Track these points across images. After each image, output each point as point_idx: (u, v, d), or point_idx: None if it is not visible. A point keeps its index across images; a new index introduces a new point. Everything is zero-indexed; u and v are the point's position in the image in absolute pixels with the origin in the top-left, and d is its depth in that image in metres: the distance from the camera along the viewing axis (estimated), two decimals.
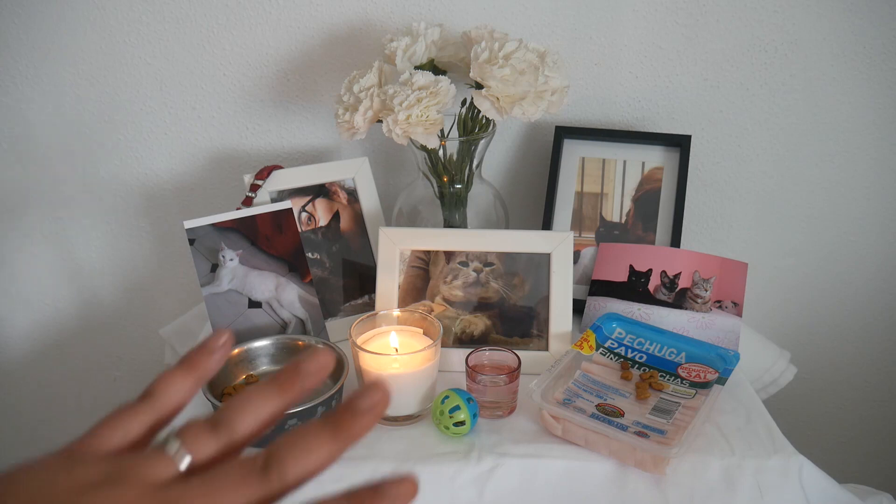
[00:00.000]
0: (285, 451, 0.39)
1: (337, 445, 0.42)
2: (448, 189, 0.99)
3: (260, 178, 0.96)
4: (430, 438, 0.79)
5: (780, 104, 1.11)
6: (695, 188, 1.15)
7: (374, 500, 0.40)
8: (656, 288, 0.97)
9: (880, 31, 1.06)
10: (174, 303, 1.24)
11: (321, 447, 0.40)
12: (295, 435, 0.39)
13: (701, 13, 1.05)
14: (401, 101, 0.86)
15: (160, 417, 0.42)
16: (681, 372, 0.86)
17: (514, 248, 0.92)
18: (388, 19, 1.06)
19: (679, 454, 0.72)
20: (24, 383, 1.29)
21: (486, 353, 0.86)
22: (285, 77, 1.10)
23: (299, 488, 0.40)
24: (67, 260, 1.21)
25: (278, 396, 0.40)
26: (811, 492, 0.76)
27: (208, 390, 0.79)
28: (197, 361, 0.46)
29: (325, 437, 0.40)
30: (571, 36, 1.07)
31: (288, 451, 0.40)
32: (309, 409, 0.76)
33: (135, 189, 1.17)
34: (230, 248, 0.90)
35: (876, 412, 1.32)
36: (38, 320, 1.25)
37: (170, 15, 1.05)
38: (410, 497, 0.40)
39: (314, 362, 0.41)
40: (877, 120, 1.11)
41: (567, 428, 0.77)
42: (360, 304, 1.00)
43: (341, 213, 1.00)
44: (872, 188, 1.16)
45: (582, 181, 1.08)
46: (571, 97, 1.09)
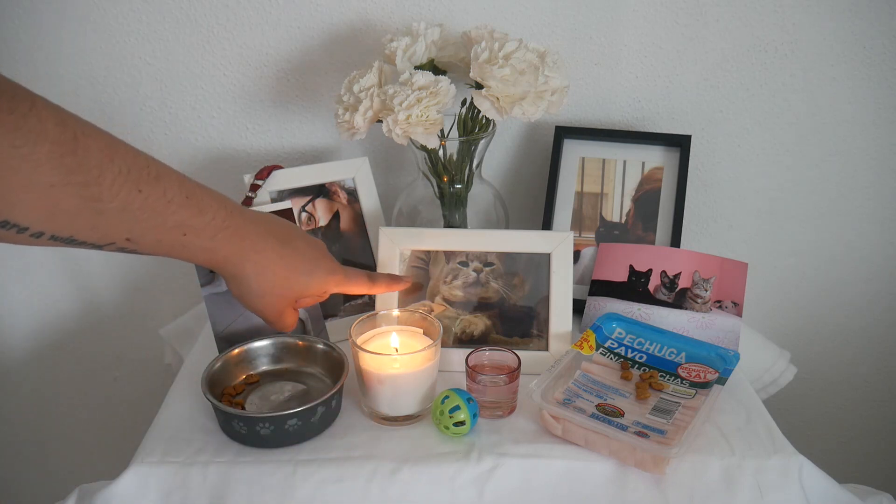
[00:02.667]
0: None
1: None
2: (448, 189, 0.99)
3: (260, 178, 0.96)
4: (430, 438, 0.79)
5: (780, 104, 1.11)
6: (695, 188, 1.15)
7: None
8: (656, 288, 0.97)
9: (880, 31, 1.06)
10: (174, 303, 1.24)
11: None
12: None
13: (701, 13, 1.05)
14: (401, 101, 0.86)
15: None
16: (681, 372, 0.86)
17: (514, 248, 0.92)
18: (388, 19, 1.06)
19: (679, 454, 0.72)
20: (24, 383, 1.29)
21: (486, 353, 0.86)
22: (285, 77, 1.10)
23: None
24: (67, 260, 1.21)
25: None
26: (811, 492, 0.76)
27: (208, 390, 0.79)
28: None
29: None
30: (571, 36, 1.07)
31: None
32: (309, 409, 0.76)
33: None
34: None
35: (876, 412, 1.32)
36: (38, 320, 1.25)
37: (170, 15, 1.06)
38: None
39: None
40: (877, 120, 1.11)
41: (567, 428, 0.77)
42: (360, 304, 1.00)
43: (341, 213, 1.00)
44: (873, 188, 1.16)
45: (582, 181, 1.08)
46: (571, 97, 1.09)
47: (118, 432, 1.33)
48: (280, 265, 0.71)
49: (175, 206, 0.60)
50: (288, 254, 0.72)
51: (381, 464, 0.75)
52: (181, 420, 0.82)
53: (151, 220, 0.59)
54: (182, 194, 0.61)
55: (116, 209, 0.56)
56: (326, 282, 0.76)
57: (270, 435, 0.76)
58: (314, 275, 0.75)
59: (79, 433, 1.33)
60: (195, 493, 0.74)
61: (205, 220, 0.63)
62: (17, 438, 1.33)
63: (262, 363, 0.88)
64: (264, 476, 0.75)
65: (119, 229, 0.57)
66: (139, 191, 0.57)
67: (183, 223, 0.61)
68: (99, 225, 0.56)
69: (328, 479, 0.75)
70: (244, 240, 0.67)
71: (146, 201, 0.57)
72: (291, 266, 0.72)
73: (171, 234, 0.61)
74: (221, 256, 0.67)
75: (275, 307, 0.74)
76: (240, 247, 0.67)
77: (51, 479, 1.36)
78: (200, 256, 0.65)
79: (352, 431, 0.80)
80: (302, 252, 0.74)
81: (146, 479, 0.75)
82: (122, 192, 0.55)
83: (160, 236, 0.60)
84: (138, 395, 1.30)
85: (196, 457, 0.76)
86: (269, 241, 0.70)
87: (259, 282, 0.70)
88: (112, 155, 0.54)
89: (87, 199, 0.53)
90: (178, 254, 0.63)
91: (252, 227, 0.68)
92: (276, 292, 0.72)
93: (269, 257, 0.70)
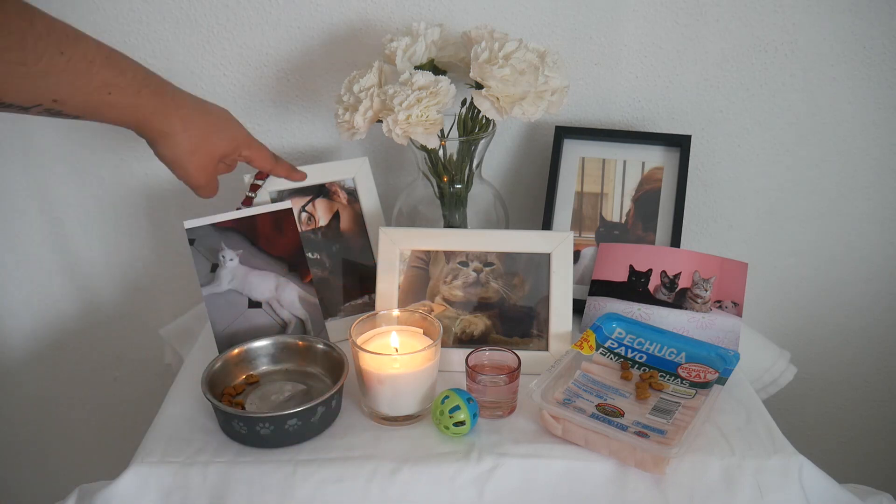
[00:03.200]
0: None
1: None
2: (448, 189, 0.99)
3: (260, 178, 0.96)
4: (430, 438, 0.79)
5: (780, 104, 1.11)
6: (695, 188, 1.15)
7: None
8: (656, 288, 0.97)
9: (880, 31, 1.06)
10: (174, 303, 1.24)
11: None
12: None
13: (701, 13, 1.05)
14: (401, 101, 0.86)
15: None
16: (681, 372, 0.86)
17: (514, 248, 0.92)
18: (388, 19, 1.06)
19: (679, 454, 0.72)
20: (24, 383, 1.29)
21: (486, 353, 0.86)
22: (285, 77, 1.10)
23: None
24: (67, 260, 1.21)
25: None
26: (811, 492, 0.76)
27: (208, 390, 0.79)
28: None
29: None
30: (571, 36, 1.07)
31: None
32: (309, 409, 0.76)
33: (135, 189, 1.17)
34: (230, 248, 0.90)
35: (876, 412, 1.32)
36: (38, 320, 1.25)
37: (170, 15, 1.06)
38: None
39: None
40: (877, 120, 1.11)
41: (567, 428, 0.77)
42: (360, 304, 1.00)
43: (341, 213, 1.00)
44: (873, 188, 1.16)
45: (582, 181, 1.08)
46: (571, 97, 1.09)
47: (118, 432, 1.33)
48: (201, 120, 0.75)
49: (97, 67, 0.63)
50: (204, 113, 0.76)
51: (381, 464, 0.75)
52: (181, 420, 0.82)
53: (76, 81, 0.62)
54: (102, 55, 0.64)
55: (41, 72, 0.59)
56: (238, 141, 0.81)
57: (270, 435, 0.76)
58: (230, 132, 0.80)
59: (79, 433, 1.34)
60: (195, 493, 0.74)
61: (126, 78, 0.66)
62: (17, 438, 1.33)
63: (262, 363, 0.88)
64: (264, 476, 0.75)
65: (45, 91, 0.60)
66: (61, 53, 0.60)
67: (107, 82, 0.64)
68: (25, 87, 0.59)
69: (328, 479, 0.75)
70: (166, 96, 0.71)
71: (69, 63, 0.61)
72: (211, 123, 0.77)
73: (97, 93, 0.64)
74: (148, 112, 0.70)
75: (205, 168, 0.77)
76: (163, 102, 0.71)
77: (51, 479, 1.36)
78: (127, 115, 0.68)
79: (352, 431, 0.80)
80: (215, 112, 0.79)
81: (146, 479, 0.75)
82: (45, 56, 0.58)
83: (86, 97, 0.64)
84: (138, 395, 1.30)
85: (196, 457, 0.76)
86: (186, 98, 0.74)
87: (188, 136, 0.74)
88: (31, 19, 0.58)
89: (11, 63, 0.56)
90: (104, 114, 0.67)
91: (169, 87, 0.72)
92: (203, 149, 0.76)
93: (192, 113, 0.74)
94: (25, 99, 0.60)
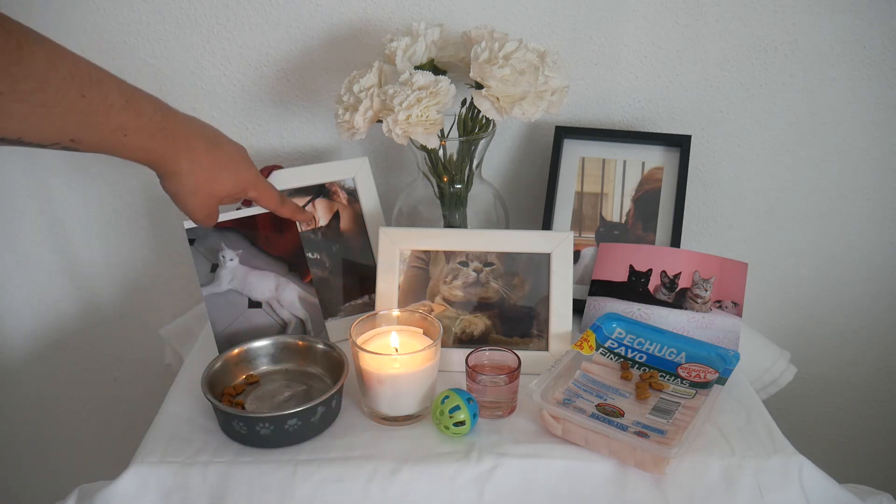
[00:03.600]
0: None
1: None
2: (448, 189, 0.99)
3: None
4: (430, 438, 0.79)
5: (780, 104, 1.11)
6: (695, 188, 1.15)
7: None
8: (656, 288, 0.97)
9: (880, 31, 1.06)
10: (174, 303, 1.24)
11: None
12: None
13: (701, 13, 1.05)
14: (401, 101, 0.86)
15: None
16: (681, 372, 0.86)
17: (514, 248, 0.92)
18: (388, 19, 1.06)
19: (679, 454, 0.72)
20: (24, 383, 1.29)
21: (486, 353, 0.86)
22: (285, 77, 1.10)
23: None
24: (67, 260, 1.21)
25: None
26: (811, 492, 0.76)
27: (208, 390, 0.79)
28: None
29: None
30: (571, 36, 1.07)
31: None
32: (309, 409, 0.76)
33: (135, 189, 1.17)
34: (230, 248, 0.90)
35: (876, 412, 1.32)
36: (38, 320, 1.25)
37: (170, 15, 1.06)
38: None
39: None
40: (877, 120, 1.11)
41: (567, 428, 0.77)
42: (360, 304, 1.00)
43: (341, 213, 1.00)
44: (873, 188, 1.16)
45: (582, 181, 1.08)
46: (571, 97, 1.09)
47: (118, 432, 1.33)
48: (209, 162, 0.77)
49: (115, 111, 0.65)
50: (216, 153, 0.78)
51: (381, 464, 0.75)
52: (181, 420, 0.82)
53: (94, 123, 0.63)
54: (122, 98, 0.66)
55: (61, 113, 0.60)
56: (246, 183, 0.82)
57: (270, 435, 0.76)
58: (238, 174, 0.81)
59: (79, 433, 1.33)
60: (195, 493, 0.74)
61: (142, 122, 0.68)
62: (17, 438, 1.33)
63: (262, 363, 0.88)
64: (264, 476, 0.75)
65: (64, 131, 0.62)
66: (82, 96, 0.61)
67: (123, 125, 0.66)
68: (44, 127, 0.60)
69: (328, 479, 0.75)
70: (178, 139, 0.73)
71: (89, 105, 0.62)
72: (219, 164, 0.78)
73: (113, 135, 0.66)
74: (159, 155, 0.72)
75: (204, 204, 0.79)
76: (174, 146, 0.73)
77: (51, 479, 1.36)
78: (139, 155, 0.71)
79: (352, 431, 0.80)
80: (227, 153, 0.80)
81: (146, 479, 0.75)
82: (66, 98, 0.60)
83: (102, 137, 0.65)
84: (138, 395, 1.30)
85: (196, 457, 0.76)
86: (199, 141, 0.76)
87: (193, 177, 0.76)
88: (56, 62, 0.59)
89: (34, 105, 0.58)
90: (118, 152, 0.69)
91: (185, 129, 0.75)
92: (205, 189, 0.78)
93: (200, 155, 0.76)
94: (44, 138, 0.61)
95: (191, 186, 0.77)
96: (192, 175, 0.76)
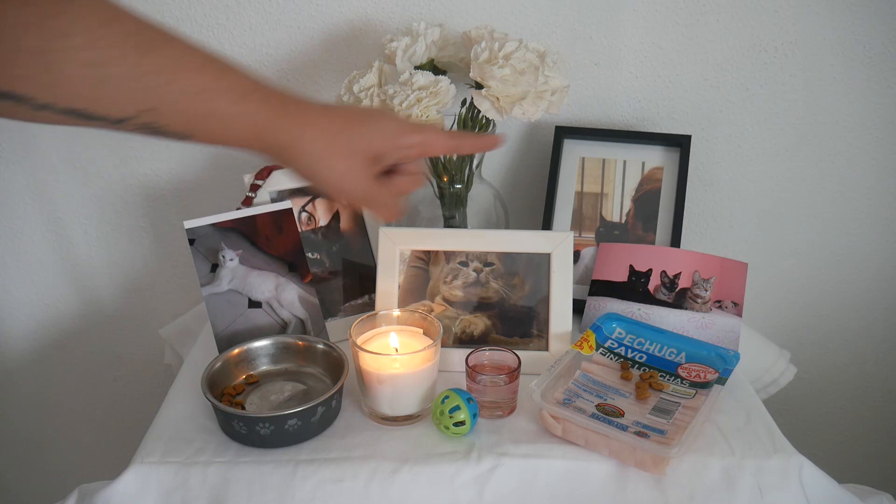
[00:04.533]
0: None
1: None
2: (448, 189, 0.99)
3: (260, 178, 0.96)
4: (430, 438, 0.79)
5: (781, 104, 1.11)
6: (695, 188, 1.15)
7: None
8: (656, 288, 0.97)
9: (880, 31, 1.06)
10: (174, 303, 1.24)
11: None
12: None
13: (701, 13, 1.05)
14: (401, 100, 0.86)
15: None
16: (681, 372, 0.86)
17: (514, 248, 0.92)
18: (388, 19, 1.06)
19: (679, 454, 0.72)
20: (24, 383, 1.29)
21: (486, 353, 0.86)
22: (285, 77, 1.09)
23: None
24: (67, 260, 1.21)
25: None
26: (811, 492, 0.76)
27: (208, 390, 0.79)
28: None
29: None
30: (571, 36, 1.07)
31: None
32: (309, 409, 0.76)
33: (135, 189, 1.17)
34: (230, 248, 0.90)
35: (876, 412, 1.32)
36: (38, 320, 1.25)
37: (170, 15, 1.06)
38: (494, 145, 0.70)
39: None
40: (877, 120, 1.11)
41: (567, 428, 0.77)
42: (360, 304, 1.00)
43: (341, 213, 1.00)
44: (873, 188, 1.16)
45: (582, 181, 1.08)
46: (571, 97, 1.09)
47: (118, 432, 1.33)
48: (329, 120, 0.62)
49: (191, 72, 0.54)
50: (332, 111, 0.64)
51: (381, 464, 0.75)
52: (181, 420, 0.82)
53: (168, 87, 0.53)
54: (198, 58, 0.55)
55: (122, 76, 0.51)
56: (394, 130, 0.65)
57: (270, 435, 0.76)
58: (373, 121, 0.65)
59: (79, 433, 1.34)
60: (195, 493, 0.74)
61: (224, 84, 0.56)
62: (17, 438, 1.33)
63: (262, 363, 0.88)
64: (264, 476, 0.75)
65: (134, 99, 0.53)
66: (145, 54, 0.52)
67: (204, 88, 0.55)
68: (106, 94, 0.51)
69: (328, 479, 0.75)
70: (273, 97, 0.60)
71: (154, 65, 0.52)
72: (341, 116, 0.63)
73: (195, 102, 0.55)
74: (260, 119, 0.58)
75: (351, 171, 0.63)
76: (273, 109, 0.59)
77: (51, 479, 1.36)
78: (235, 129, 0.58)
79: (352, 431, 0.80)
80: (353, 109, 0.68)
81: (146, 479, 0.75)
82: (126, 58, 0.51)
83: (184, 106, 0.55)
84: (138, 395, 1.30)
85: (196, 457, 0.76)
86: (311, 103, 0.62)
87: (312, 138, 0.61)
88: (108, 17, 0.51)
89: (86, 65, 0.49)
90: (210, 128, 0.57)
91: (289, 95, 0.61)
92: (337, 149, 0.62)
93: (315, 116, 0.62)
94: (114, 109, 0.52)
95: (319, 151, 0.62)
96: (311, 135, 0.61)
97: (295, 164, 0.62)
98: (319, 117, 0.62)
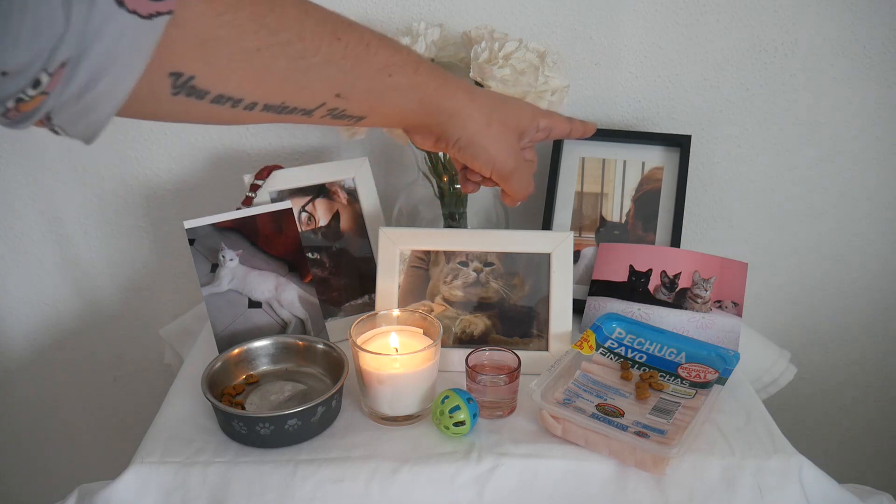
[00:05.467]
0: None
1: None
2: (448, 189, 0.99)
3: (260, 178, 0.96)
4: (430, 438, 0.79)
5: (781, 104, 1.11)
6: (695, 188, 1.15)
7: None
8: (656, 288, 0.97)
9: (880, 31, 1.06)
10: (174, 303, 1.24)
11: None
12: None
13: (701, 13, 1.05)
14: None
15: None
16: (681, 372, 0.86)
17: (514, 248, 0.92)
18: (388, 19, 1.06)
19: (679, 454, 0.72)
20: (24, 383, 1.29)
21: (486, 353, 0.86)
22: None
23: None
24: (67, 260, 1.21)
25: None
26: (811, 492, 0.76)
27: (208, 390, 0.79)
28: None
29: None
30: (571, 36, 1.07)
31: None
32: (309, 409, 0.76)
33: (135, 189, 1.17)
34: (230, 248, 0.90)
35: (876, 412, 1.32)
36: (38, 320, 1.25)
37: None
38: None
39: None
40: (877, 120, 1.11)
41: (567, 428, 0.77)
42: (360, 304, 1.00)
43: (341, 213, 1.00)
44: (873, 188, 1.16)
45: (582, 181, 1.08)
46: (571, 97, 1.09)
47: (118, 432, 1.33)
48: (482, 94, 0.68)
49: (374, 49, 0.58)
50: (479, 91, 0.69)
51: (381, 464, 0.75)
52: (181, 420, 0.82)
53: (356, 69, 0.57)
54: (376, 37, 0.59)
55: (321, 63, 0.54)
56: (534, 110, 0.72)
57: (270, 435, 0.76)
58: (515, 101, 0.71)
59: (79, 433, 1.34)
60: (195, 493, 0.74)
61: (402, 56, 0.61)
62: (17, 438, 1.33)
63: (262, 363, 0.88)
64: (264, 476, 0.75)
65: (327, 85, 0.56)
66: (338, 39, 0.55)
67: (386, 63, 0.59)
68: (307, 84, 0.55)
69: (328, 479, 0.75)
70: (437, 71, 0.64)
71: (346, 48, 0.56)
72: (490, 94, 0.69)
73: (378, 77, 0.59)
74: (431, 90, 0.63)
75: (507, 143, 0.69)
76: (443, 78, 0.64)
77: (51, 479, 1.36)
78: (411, 97, 0.63)
79: (352, 431, 0.80)
80: (489, 91, 0.72)
81: (146, 479, 0.75)
82: (323, 45, 0.54)
83: (369, 83, 0.59)
84: (138, 395, 1.30)
85: (196, 457, 0.76)
86: (455, 76, 0.67)
87: (477, 107, 0.66)
88: (305, 8, 0.54)
89: (293, 58, 0.52)
90: (389, 101, 0.61)
91: (437, 66, 0.66)
92: (499, 120, 0.68)
93: (469, 89, 0.67)
94: (309, 99, 0.56)
95: (482, 119, 0.66)
96: (476, 104, 0.66)
97: (457, 132, 0.66)
98: (476, 91, 0.67)
